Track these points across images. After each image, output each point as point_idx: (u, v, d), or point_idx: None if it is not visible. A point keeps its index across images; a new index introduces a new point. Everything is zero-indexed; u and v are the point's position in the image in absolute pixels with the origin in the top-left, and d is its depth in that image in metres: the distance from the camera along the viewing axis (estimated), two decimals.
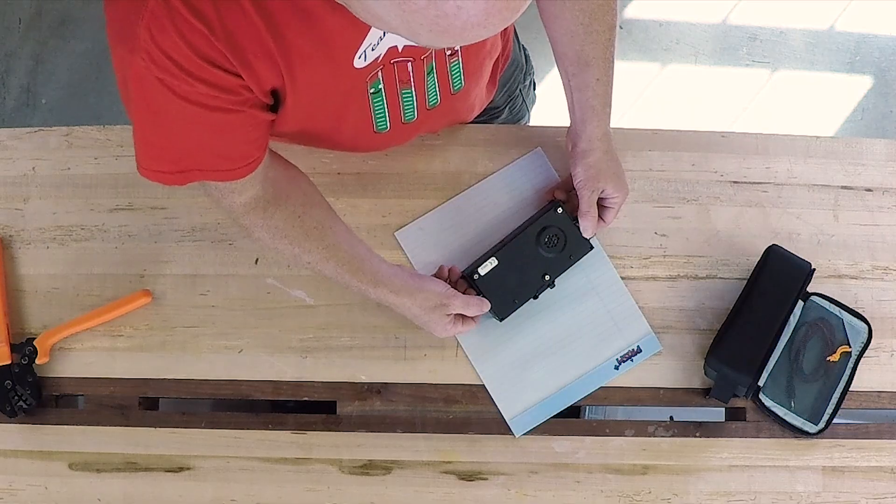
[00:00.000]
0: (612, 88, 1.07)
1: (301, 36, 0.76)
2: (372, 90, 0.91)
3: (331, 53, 0.80)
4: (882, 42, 2.29)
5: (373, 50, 0.83)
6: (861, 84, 2.27)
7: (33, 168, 1.19)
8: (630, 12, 2.32)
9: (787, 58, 2.28)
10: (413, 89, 0.95)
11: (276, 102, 0.84)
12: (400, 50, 0.86)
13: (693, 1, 2.31)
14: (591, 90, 1.04)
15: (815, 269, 1.10)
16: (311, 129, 0.94)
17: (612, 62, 1.06)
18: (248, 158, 0.86)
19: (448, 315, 1.04)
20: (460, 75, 0.99)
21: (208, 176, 0.87)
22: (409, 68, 0.91)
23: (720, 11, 2.31)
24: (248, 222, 0.95)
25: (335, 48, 0.80)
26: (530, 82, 1.40)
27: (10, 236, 1.16)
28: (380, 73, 0.88)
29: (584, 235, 1.09)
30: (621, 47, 2.27)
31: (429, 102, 1.00)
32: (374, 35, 0.81)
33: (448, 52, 0.94)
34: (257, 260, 1.14)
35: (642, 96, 2.26)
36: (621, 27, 2.30)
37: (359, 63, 0.83)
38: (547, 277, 1.08)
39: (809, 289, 1.10)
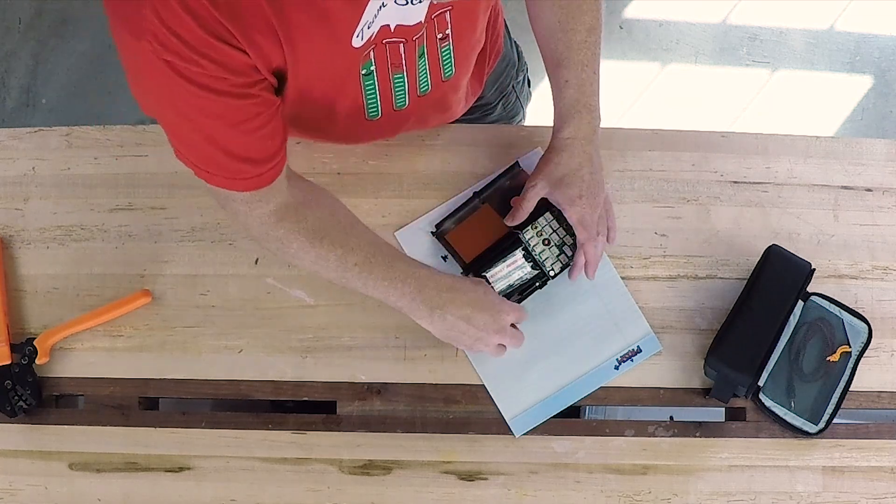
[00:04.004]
0: (589, 92, 1.02)
1: (303, 12, 0.74)
2: (364, 71, 0.89)
3: (332, 31, 0.79)
4: (882, 42, 2.29)
5: (368, 28, 0.82)
6: (861, 84, 2.27)
7: (33, 168, 1.19)
8: (630, 12, 2.32)
9: (787, 58, 2.28)
10: (405, 73, 0.94)
11: (280, 85, 0.83)
12: (392, 29, 0.85)
13: (693, 1, 2.32)
14: (561, 91, 1.03)
15: (815, 269, 1.10)
16: (305, 114, 0.92)
17: (591, 65, 1.02)
18: (271, 159, 0.85)
19: (503, 324, 1.00)
20: (451, 61, 0.99)
21: (235, 185, 0.85)
22: (401, 50, 0.90)
23: (720, 11, 2.31)
24: (283, 232, 0.92)
25: (336, 25, 0.79)
26: (524, 79, 1.40)
27: (10, 236, 1.16)
28: (372, 54, 0.87)
29: (507, 223, 1.09)
30: (621, 47, 2.28)
31: (420, 89, 0.99)
32: (370, 12, 0.79)
33: (439, 36, 0.93)
34: (257, 260, 1.14)
35: (642, 96, 2.26)
36: (621, 27, 2.30)
37: (356, 42, 0.82)
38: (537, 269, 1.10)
39: (809, 289, 1.10)
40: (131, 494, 1.08)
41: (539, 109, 1.52)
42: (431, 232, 1.13)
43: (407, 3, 0.81)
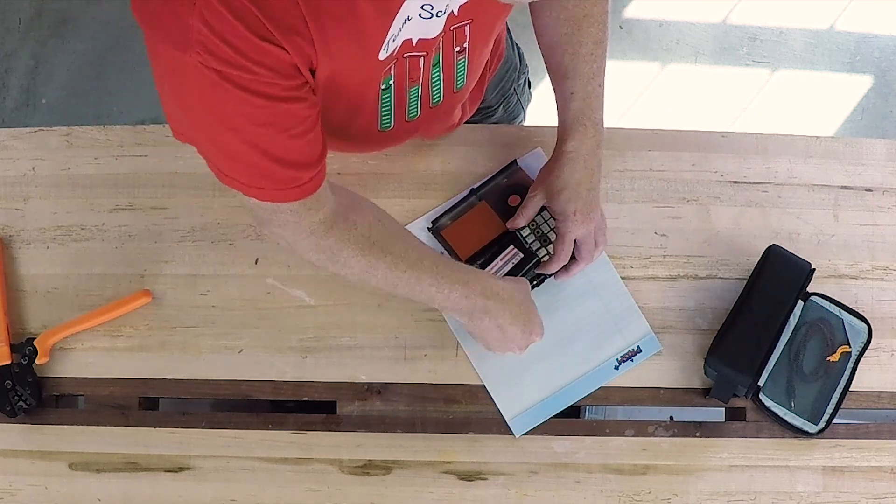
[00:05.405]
0: (595, 105, 1.02)
1: (339, 22, 0.73)
2: (383, 86, 0.89)
3: (363, 43, 0.78)
4: (882, 42, 2.29)
5: (393, 41, 0.81)
6: (861, 84, 2.27)
7: (33, 168, 1.19)
8: (630, 12, 2.32)
9: (787, 58, 2.28)
10: (419, 85, 0.94)
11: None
12: (414, 43, 0.84)
13: (693, 1, 2.32)
14: (566, 103, 1.02)
15: (815, 269, 1.10)
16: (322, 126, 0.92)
17: (597, 78, 1.01)
18: (318, 162, 0.83)
19: (530, 341, 1.03)
20: (464, 74, 0.99)
21: (287, 195, 0.83)
22: (421, 64, 0.89)
23: (720, 11, 2.31)
24: (333, 240, 0.90)
25: (366, 37, 0.78)
26: (525, 81, 1.39)
27: (10, 236, 1.16)
28: (392, 68, 0.86)
29: (509, 225, 1.10)
30: (621, 47, 2.28)
31: (433, 100, 0.99)
32: (396, 25, 0.79)
33: (457, 49, 0.93)
34: (257, 260, 1.14)
35: (642, 96, 2.26)
36: (621, 27, 2.30)
37: (382, 55, 0.81)
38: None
39: (809, 289, 1.10)
40: (131, 494, 1.08)
41: (539, 109, 1.52)
42: (427, 228, 1.13)
43: (431, 16, 0.81)
